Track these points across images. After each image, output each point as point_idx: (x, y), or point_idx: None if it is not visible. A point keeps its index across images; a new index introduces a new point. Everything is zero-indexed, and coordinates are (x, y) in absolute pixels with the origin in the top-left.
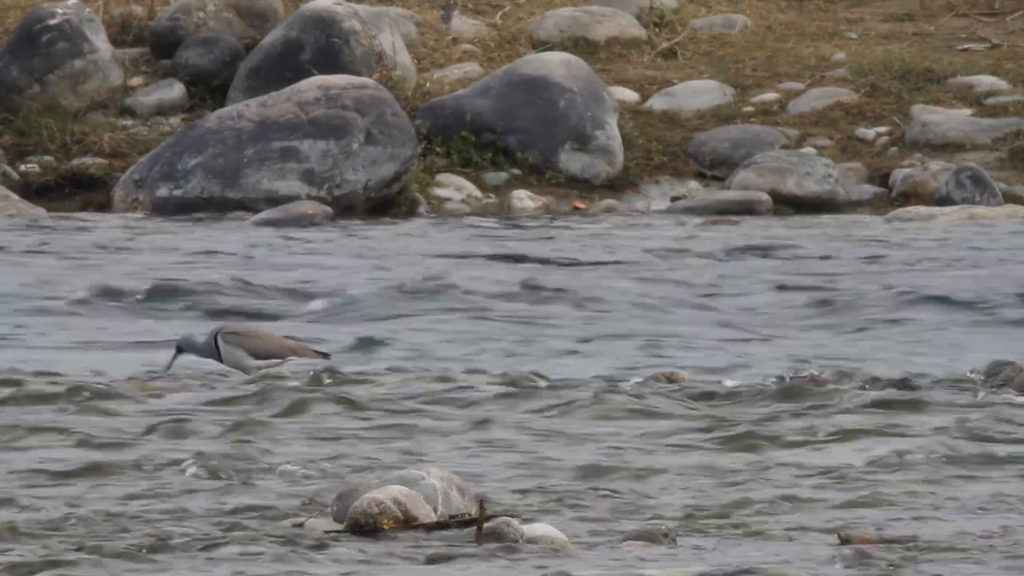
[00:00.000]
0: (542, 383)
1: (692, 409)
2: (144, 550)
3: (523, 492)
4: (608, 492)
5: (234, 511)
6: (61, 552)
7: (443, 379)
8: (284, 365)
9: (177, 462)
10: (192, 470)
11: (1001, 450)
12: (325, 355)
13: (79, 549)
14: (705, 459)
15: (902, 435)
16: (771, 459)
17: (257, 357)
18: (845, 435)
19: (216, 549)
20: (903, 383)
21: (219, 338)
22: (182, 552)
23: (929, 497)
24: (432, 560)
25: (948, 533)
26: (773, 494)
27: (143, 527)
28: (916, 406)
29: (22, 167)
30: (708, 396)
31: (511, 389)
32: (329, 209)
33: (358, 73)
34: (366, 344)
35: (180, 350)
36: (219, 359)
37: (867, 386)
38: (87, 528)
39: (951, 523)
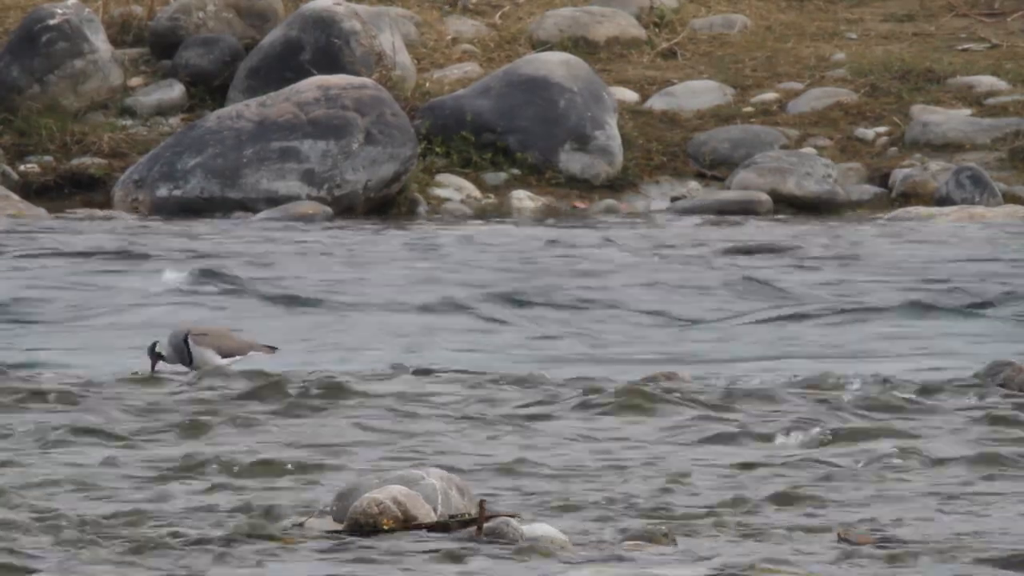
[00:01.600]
0: (540, 382)
1: (691, 408)
2: (145, 550)
3: (522, 492)
4: (607, 491)
5: (235, 511)
6: (62, 551)
7: (462, 379)
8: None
9: (185, 460)
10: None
11: (1001, 450)
12: (273, 348)
13: (80, 548)
14: (705, 458)
15: (902, 435)
16: (771, 458)
17: (224, 356)
18: (844, 435)
19: (216, 548)
20: (902, 383)
21: (190, 340)
22: (182, 551)
23: (929, 497)
24: (432, 560)
25: (947, 533)
26: (773, 494)
27: (143, 526)
28: (916, 407)
29: (22, 167)
30: (708, 396)
31: (509, 388)
32: (329, 209)
33: (358, 73)
34: None
35: (158, 356)
36: (188, 361)
37: (866, 386)
38: (87, 527)
39: (951, 523)
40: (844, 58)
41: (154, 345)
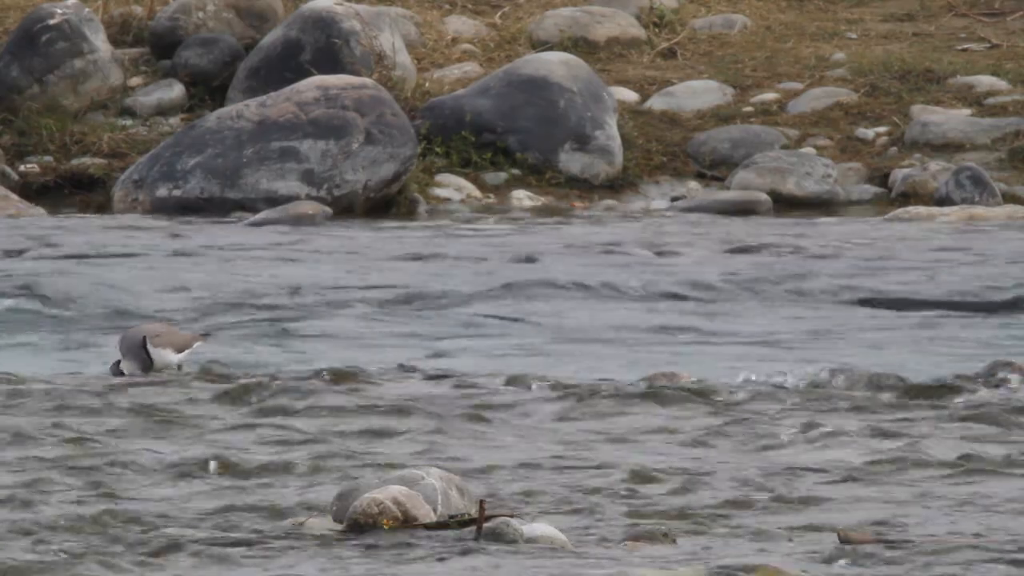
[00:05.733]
0: (540, 382)
1: (691, 408)
2: (145, 549)
3: (522, 492)
4: (608, 492)
5: (234, 510)
6: (64, 551)
7: (445, 379)
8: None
9: (182, 461)
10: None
11: (1000, 451)
12: (206, 335)
13: (83, 548)
14: (704, 458)
15: (902, 435)
16: (771, 458)
17: (178, 352)
18: (844, 435)
19: (216, 548)
20: (902, 383)
21: (148, 344)
22: (182, 551)
23: (928, 497)
24: (431, 561)
25: (947, 533)
26: (773, 494)
27: (144, 526)
28: (915, 407)
29: (22, 167)
30: (707, 396)
31: (509, 388)
32: (329, 209)
33: (358, 73)
34: None
35: (121, 374)
36: (149, 365)
37: (866, 386)
38: (90, 527)
39: (951, 523)
40: (844, 58)
41: (117, 363)
